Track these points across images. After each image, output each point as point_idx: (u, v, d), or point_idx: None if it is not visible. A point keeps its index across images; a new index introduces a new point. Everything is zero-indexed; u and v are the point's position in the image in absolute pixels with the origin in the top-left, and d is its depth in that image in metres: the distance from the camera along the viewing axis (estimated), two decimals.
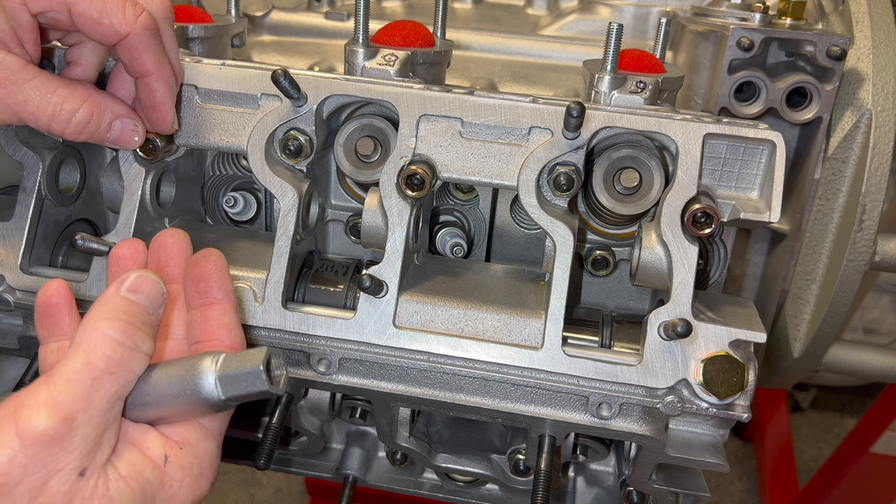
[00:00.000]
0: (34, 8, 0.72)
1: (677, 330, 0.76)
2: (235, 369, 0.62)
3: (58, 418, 0.55)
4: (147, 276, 0.63)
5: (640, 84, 0.86)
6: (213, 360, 0.63)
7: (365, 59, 0.90)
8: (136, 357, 0.60)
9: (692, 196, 0.80)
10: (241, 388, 0.62)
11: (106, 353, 0.58)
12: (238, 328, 0.72)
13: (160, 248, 0.74)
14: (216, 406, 0.63)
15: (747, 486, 2.95)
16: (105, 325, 0.59)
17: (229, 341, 0.70)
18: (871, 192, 1.07)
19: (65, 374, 0.57)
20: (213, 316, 0.70)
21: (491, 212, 1.00)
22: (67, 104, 0.76)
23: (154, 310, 0.63)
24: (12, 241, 0.88)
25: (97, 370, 0.58)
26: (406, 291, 0.85)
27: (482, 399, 0.83)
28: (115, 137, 0.81)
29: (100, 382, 0.58)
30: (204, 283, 0.71)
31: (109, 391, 0.58)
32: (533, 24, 1.38)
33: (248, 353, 0.63)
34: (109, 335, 0.59)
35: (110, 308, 0.61)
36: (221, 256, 0.72)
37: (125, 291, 0.62)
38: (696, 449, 0.83)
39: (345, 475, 1.10)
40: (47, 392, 0.56)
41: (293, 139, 0.86)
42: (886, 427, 2.07)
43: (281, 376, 0.64)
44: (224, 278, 0.71)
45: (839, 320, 1.16)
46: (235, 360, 0.63)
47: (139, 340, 0.60)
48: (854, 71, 1.10)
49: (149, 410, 0.63)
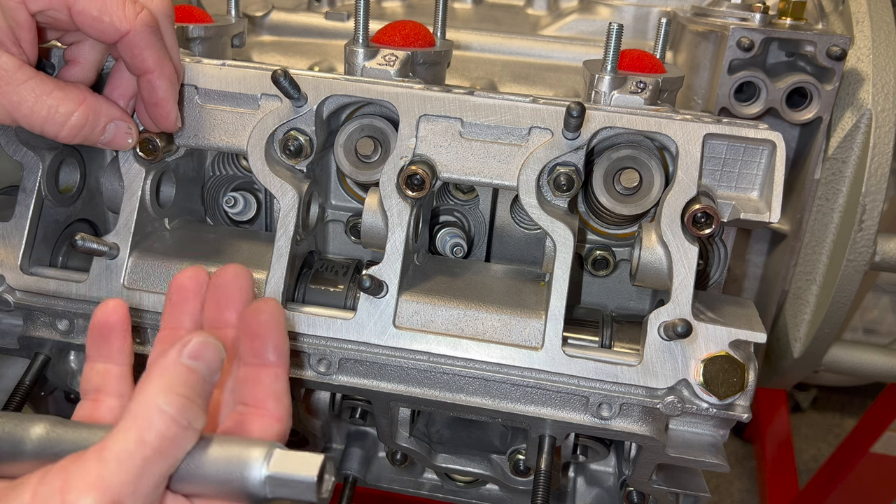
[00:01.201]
0: (33, 7, 0.72)
1: (677, 330, 0.76)
2: (288, 473, 0.59)
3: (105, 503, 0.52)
4: (209, 343, 0.60)
5: (640, 84, 0.86)
6: (266, 455, 0.59)
7: (365, 59, 0.90)
8: (188, 436, 0.57)
9: (692, 196, 0.80)
10: (289, 493, 0.59)
11: (161, 431, 0.55)
12: (287, 397, 0.67)
13: (222, 287, 0.70)
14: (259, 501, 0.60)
15: (747, 486, 2.95)
16: (163, 399, 0.56)
17: (277, 412, 0.66)
18: (871, 192, 1.07)
19: (116, 452, 0.54)
20: (265, 382, 0.66)
21: (491, 212, 1.00)
22: (62, 107, 0.75)
23: (212, 377, 0.60)
24: (12, 242, 0.88)
25: (149, 450, 0.54)
26: (406, 292, 0.85)
27: (482, 399, 0.84)
28: (110, 139, 0.81)
29: (150, 463, 0.54)
30: (260, 341, 0.66)
31: (159, 472, 0.55)
32: (533, 24, 1.38)
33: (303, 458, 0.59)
34: (166, 412, 0.55)
35: (169, 379, 0.57)
36: (279, 308, 0.67)
37: (186, 358, 0.58)
38: (696, 449, 0.83)
39: (345, 475, 1.10)
40: (97, 473, 0.53)
41: (293, 139, 0.86)
42: (886, 427, 2.07)
43: (329, 483, 0.61)
44: (280, 336, 0.67)
45: (839, 320, 1.16)
46: (289, 462, 0.59)
47: (193, 417, 0.57)
48: (854, 71, 1.10)
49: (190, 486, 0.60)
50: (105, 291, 0.86)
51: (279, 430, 0.66)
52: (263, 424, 0.66)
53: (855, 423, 2.26)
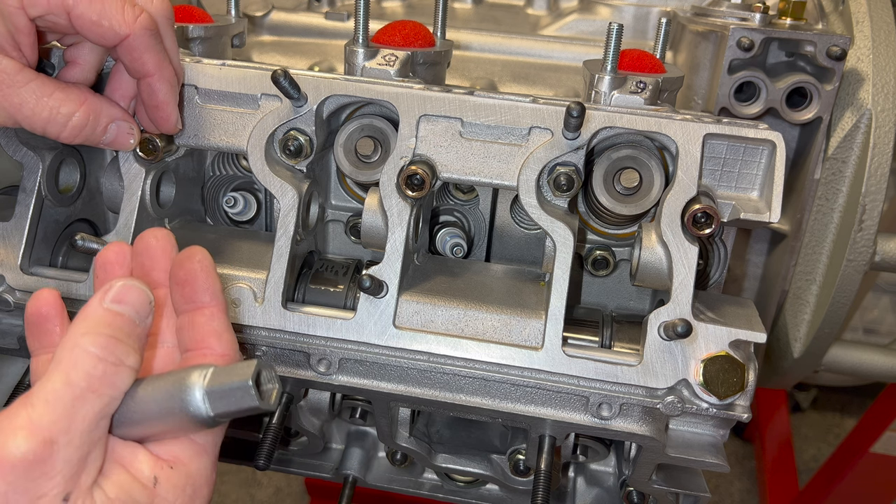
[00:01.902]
0: (32, 12, 0.72)
1: (677, 330, 0.76)
2: (223, 384, 0.58)
3: (37, 442, 0.52)
4: (132, 285, 0.60)
5: (640, 84, 0.86)
6: (200, 375, 0.59)
7: (365, 59, 0.90)
8: (120, 373, 0.57)
9: (692, 196, 0.80)
10: (230, 404, 0.59)
11: (87, 370, 0.55)
12: (229, 333, 0.68)
13: (144, 250, 0.70)
14: (205, 422, 0.60)
15: (747, 486, 2.95)
16: (86, 340, 0.56)
17: (220, 349, 0.66)
18: (871, 192, 1.07)
19: (43, 394, 0.54)
20: (202, 322, 0.67)
21: (491, 212, 1.00)
22: (64, 108, 0.75)
23: (141, 320, 0.60)
24: (12, 242, 0.88)
25: (78, 389, 0.55)
26: (406, 292, 0.85)
27: (482, 399, 0.83)
28: (111, 140, 0.81)
29: (81, 402, 0.55)
30: (190, 287, 0.66)
31: (92, 410, 0.55)
32: (533, 24, 1.38)
33: (237, 367, 0.59)
34: (91, 351, 0.56)
35: (92, 322, 0.58)
36: (206, 255, 0.68)
37: (109, 302, 0.59)
38: (696, 449, 0.83)
39: (345, 475, 1.10)
40: (25, 415, 0.53)
41: (293, 139, 0.86)
42: (886, 427, 2.07)
43: (272, 390, 0.61)
44: (210, 279, 0.67)
45: (839, 320, 1.16)
46: (224, 374, 0.59)
47: (123, 355, 0.57)
48: (854, 71, 1.10)
49: (136, 428, 0.60)
50: None
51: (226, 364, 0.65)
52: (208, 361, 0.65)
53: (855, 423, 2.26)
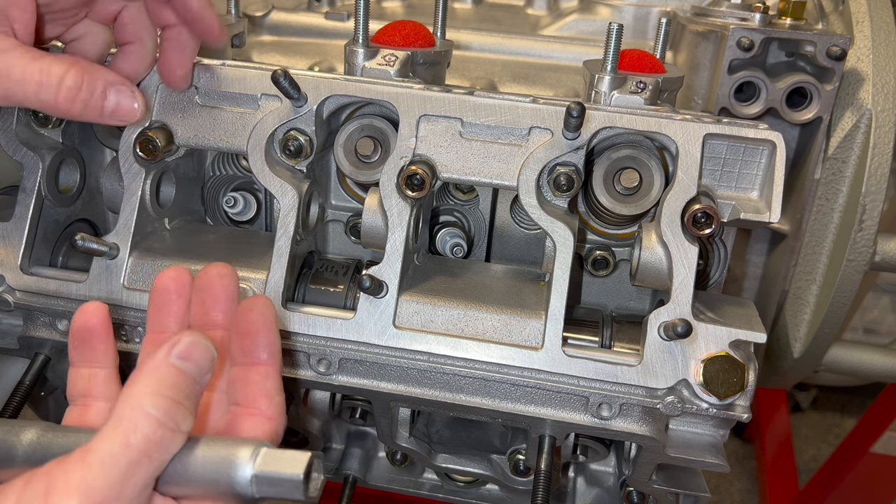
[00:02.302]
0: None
1: (677, 330, 0.76)
2: (274, 472, 0.58)
3: None
4: (199, 343, 0.59)
5: (640, 84, 0.86)
6: (252, 454, 0.58)
7: (365, 59, 0.90)
8: (175, 438, 0.56)
9: (692, 196, 0.80)
10: (276, 492, 0.58)
11: (147, 434, 0.54)
12: (280, 395, 0.66)
13: (207, 287, 0.68)
14: (247, 501, 0.59)
15: (747, 486, 2.95)
16: (149, 402, 0.55)
17: (269, 411, 0.65)
18: (871, 192, 1.07)
19: (101, 455, 0.53)
20: (256, 380, 0.65)
21: (491, 212, 1.00)
22: (55, 67, 0.71)
23: (201, 378, 0.59)
24: (12, 242, 0.88)
25: (135, 453, 0.53)
26: (406, 292, 0.85)
27: (482, 399, 0.84)
28: (114, 108, 0.76)
29: (136, 467, 0.54)
30: (250, 340, 0.65)
31: (144, 476, 0.54)
32: (533, 24, 1.38)
33: (289, 456, 0.58)
34: (152, 414, 0.54)
35: (157, 381, 0.56)
36: (269, 305, 0.66)
37: (175, 359, 0.57)
38: (696, 449, 0.83)
39: (345, 475, 1.10)
40: (80, 477, 0.52)
41: (293, 139, 0.86)
42: (886, 427, 2.07)
43: (318, 481, 0.60)
44: (271, 334, 0.66)
45: (839, 320, 1.16)
46: (276, 460, 0.58)
47: (181, 420, 0.56)
48: (854, 71, 1.10)
49: (178, 489, 0.60)
50: (105, 291, 0.86)
51: (271, 429, 0.65)
52: (255, 424, 0.65)
53: (855, 423, 2.26)
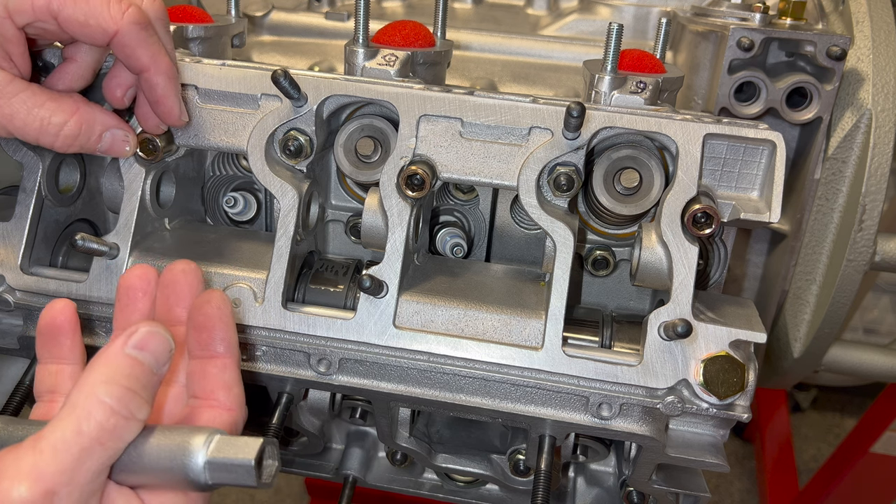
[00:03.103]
0: (20, 21, 0.72)
1: (677, 330, 0.76)
2: (227, 458, 0.58)
3: (39, 492, 0.51)
4: (157, 333, 0.59)
5: (641, 84, 0.86)
6: (205, 442, 0.59)
7: (365, 59, 0.90)
8: (129, 426, 0.56)
9: (692, 196, 0.80)
10: (229, 479, 0.58)
11: (100, 421, 0.54)
12: (238, 386, 0.68)
13: (171, 283, 0.70)
14: (201, 488, 0.59)
15: (747, 486, 2.95)
16: (103, 389, 0.55)
17: (227, 402, 0.66)
18: (871, 192, 1.07)
19: (52, 441, 0.53)
20: (213, 372, 0.67)
21: (491, 212, 1.00)
22: (55, 118, 0.75)
23: (158, 369, 0.59)
24: (12, 242, 0.88)
25: (87, 440, 0.54)
26: (406, 292, 0.85)
27: (482, 399, 0.83)
28: (107, 148, 0.82)
29: (88, 453, 0.54)
30: (206, 333, 0.66)
31: (97, 463, 0.55)
32: (533, 24, 1.38)
33: (242, 442, 0.59)
34: (106, 402, 0.55)
35: (111, 369, 0.57)
36: (225, 300, 0.67)
37: (131, 348, 0.58)
38: (696, 449, 0.83)
39: (345, 475, 1.10)
40: (31, 462, 0.52)
41: (293, 139, 0.86)
42: (886, 427, 2.07)
43: (272, 468, 0.61)
44: (227, 328, 0.67)
45: (839, 320, 1.16)
46: (228, 446, 0.59)
47: (136, 408, 0.56)
48: (854, 71, 1.10)
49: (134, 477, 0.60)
50: (105, 291, 0.86)
51: (230, 420, 0.66)
52: (213, 415, 0.66)
53: (855, 423, 2.26)
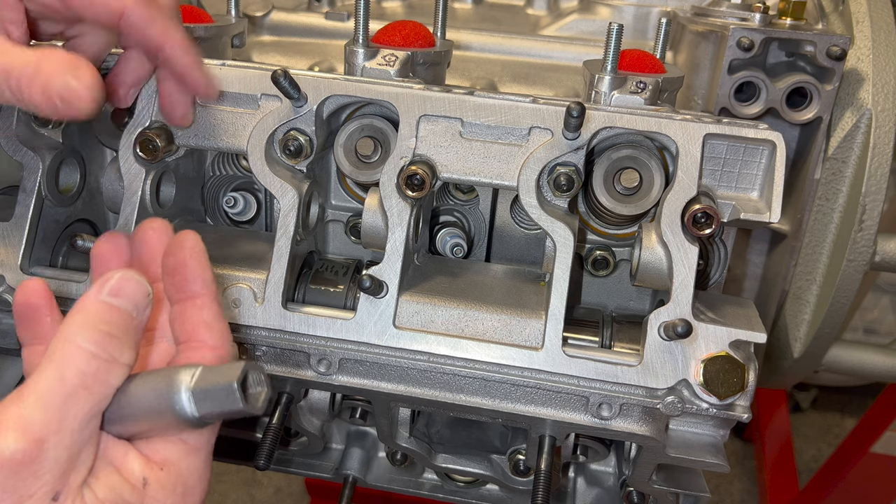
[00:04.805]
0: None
1: (677, 330, 0.76)
2: (209, 385, 0.57)
3: (27, 441, 0.51)
4: (130, 277, 0.58)
5: (641, 84, 0.86)
6: (188, 374, 0.58)
7: (365, 59, 0.90)
8: (113, 370, 0.56)
9: (692, 196, 0.80)
10: (215, 406, 0.57)
11: (80, 367, 0.54)
12: (220, 323, 0.66)
13: (142, 242, 0.68)
14: (191, 423, 0.58)
15: (747, 486, 2.95)
16: (80, 336, 0.55)
17: (211, 341, 0.64)
18: (871, 192, 1.07)
19: (35, 391, 0.53)
20: (192, 313, 0.65)
21: (491, 212, 1.00)
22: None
23: (138, 314, 0.58)
24: (12, 242, 0.88)
25: (70, 387, 0.53)
26: (406, 292, 0.85)
27: (482, 399, 0.83)
28: None
29: (73, 400, 0.53)
30: (180, 275, 0.64)
31: (83, 409, 0.54)
32: (533, 24, 1.38)
33: (224, 368, 0.58)
34: (85, 347, 0.54)
35: (87, 315, 0.56)
36: (197, 240, 0.65)
37: (105, 295, 0.57)
38: (696, 449, 0.83)
39: (345, 475, 1.10)
40: (16, 413, 0.52)
41: (293, 139, 0.86)
42: (886, 427, 2.07)
43: (260, 394, 0.59)
44: (201, 267, 0.65)
45: (839, 320, 1.16)
46: (211, 374, 0.58)
47: (117, 352, 0.56)
48: (854, 71, 1.10)
49: (126, 425, 0.59)
50: None
51: (216, 359, 0.64)
52: (200, 356, 0.64)
53: (855, 423, 2.26)
